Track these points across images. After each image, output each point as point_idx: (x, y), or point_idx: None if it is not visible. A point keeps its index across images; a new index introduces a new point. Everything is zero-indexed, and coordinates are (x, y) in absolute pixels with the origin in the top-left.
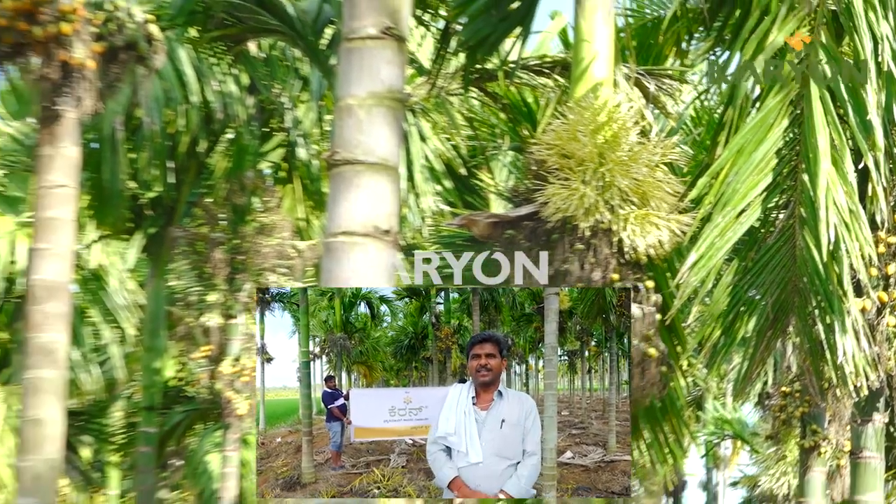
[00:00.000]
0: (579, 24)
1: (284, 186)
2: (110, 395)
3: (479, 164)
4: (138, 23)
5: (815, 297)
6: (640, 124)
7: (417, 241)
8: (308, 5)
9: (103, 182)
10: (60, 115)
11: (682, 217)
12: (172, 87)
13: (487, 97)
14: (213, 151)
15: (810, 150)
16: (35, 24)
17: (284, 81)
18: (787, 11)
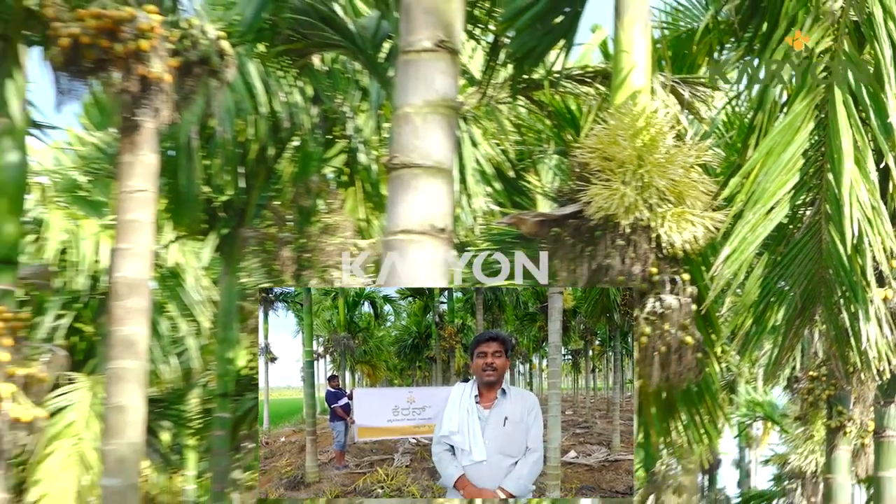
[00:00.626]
0: (619, 37)
1: (346, 189)
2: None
3: (526, 167)
4: (211, 39)
5: (840, 287)
6: (675, 129)
7: (470, 238)
8: (367, 21)
9: (179, 187)
10: (140, 125)
11: (715, 214)
12: (243, 98)
13: (534, 105)
14: (281, 158)
15: (835, 151)
16: (116, 42)
17: (346, 92)
18: (813, 22)
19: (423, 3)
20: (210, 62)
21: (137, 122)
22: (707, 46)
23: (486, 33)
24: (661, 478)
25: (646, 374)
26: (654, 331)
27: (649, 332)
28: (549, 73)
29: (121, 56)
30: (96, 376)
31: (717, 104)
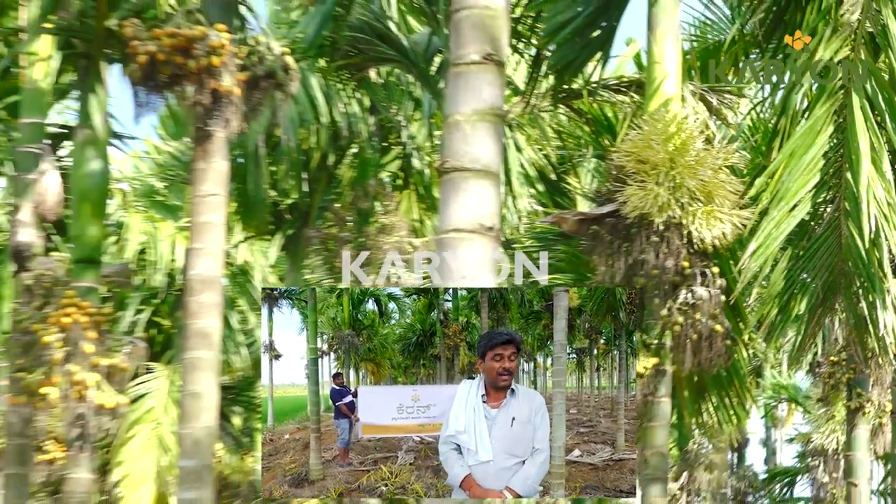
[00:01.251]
0: (651, 49)
1: (401, 192)
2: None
3: (566, 170)
4: (276, 55)
5: (859, 278)
6: (704, 133)
7: (515, 236)
8: (419, 37)
9: (248, 191)
10: (211, 134)
11: (742, 212)
12: (305, 109)
13: (573, 113)
14: (341, 164)
15: (853, 153)
16: (189, 58)
17: (400, 103)
18: (832, 33)
19: (472, 20)
20: (276, 76)
21: (209, 131)
22: (733, 57)
23: (529, 47)
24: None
25: (679, 360)
26: (687, 320)
27: (682, 322)
28: (588, 83)
29: (194, 71)
30: (173, 366)
31: (743, 110)
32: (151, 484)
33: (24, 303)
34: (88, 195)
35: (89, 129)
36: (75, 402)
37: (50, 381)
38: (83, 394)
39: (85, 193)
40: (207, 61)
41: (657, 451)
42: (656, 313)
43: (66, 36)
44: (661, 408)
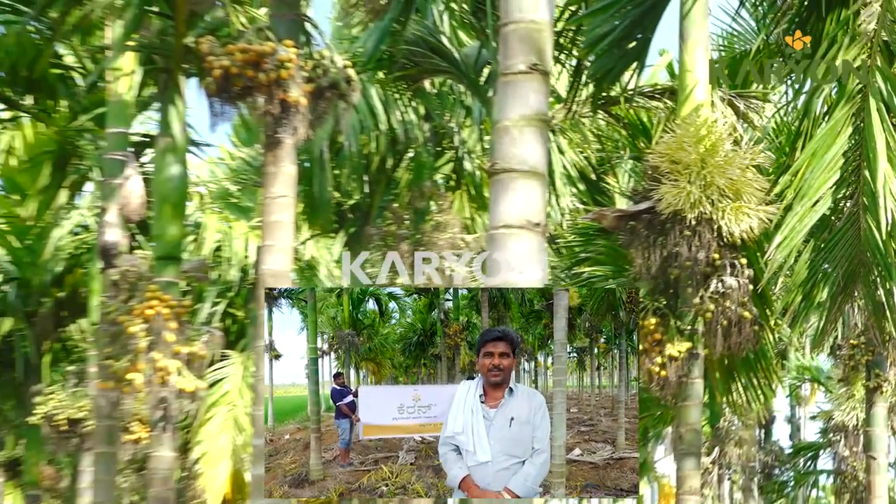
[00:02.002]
0: (683, 58)
1: (454, 192)
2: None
3: (605, 170)
4: (339, 68)
5: (877, 267)
6: (732, 135)
7: (559, 232)
8: (469, 50)
9: (314, 193)
10: (280, 141)
11: (768, 207)
12: (365, 117)
13: (611, 118)
14: (398, 167)
15: (870, 152)
16: (260, 72)
17: (452, 110)
18: (850, 41)
19: (519, 33)
20: (338, 87)
21: (278, 138)
22: (758, 65)
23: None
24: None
25: (710, 344)
26: (717, 307)
27: (713, 309)
28: (624, 90)
29: (264, 84)
30: (246, 353)
31: (768, 114)
32: (227, 461)
33: (111, 296)
34: (169, 198)
35: (169, 138)
36: (158, 386)
37: (135, 368)
38: (165, 379)
39: (165, 196)
40: (276, 74)
41: (691, 428)
42: (689, 301)
43: (148, 52)
44: (695, 388)
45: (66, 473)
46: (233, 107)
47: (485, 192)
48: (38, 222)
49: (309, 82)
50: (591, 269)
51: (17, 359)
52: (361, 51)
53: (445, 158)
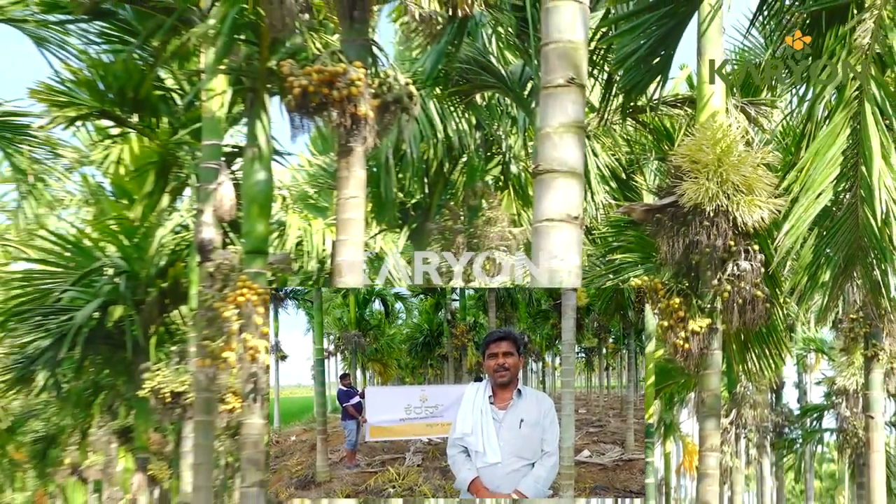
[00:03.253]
0: (701, 71)
1: (502, 192)
2: None
3: (634, 170)
4: (401, 85)
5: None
6: (745, 138)
7: (594, 224)
8: (514, 68)
9: (381, 193)
10: (352, 149)
11: (777, 200)
12: (425, 127)
13: (638, 124)
14: (454, 170)
15: (866, 150)
16: (333, 90)
17: (500, 120)
18: (847, 54)
19: (558, 51)
20: (401, 102)
21: (350, 147)
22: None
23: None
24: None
25: (727, 319)
26: (733, 288)
27: (729, 289)
28: (650, 100)
29: (337, 100)
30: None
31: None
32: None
33: (207, 286)
34: (256, 200)
35: (256, 148)
36: (249, 363)
37: (229, 347)
38: (255, 356)
39: (253, 198)
40: (347, 91)
41: (712, 393)
42: (709, 283)
43: (237, 75)
44: (714, 358)
45: (170, 439)
46: (310, 120)
47: (529, 190)
48: (143, 223)
49: (375, 98)
50: (622, 255)
51: (128, 341)
52: (421, 70)
53: (494, 162)
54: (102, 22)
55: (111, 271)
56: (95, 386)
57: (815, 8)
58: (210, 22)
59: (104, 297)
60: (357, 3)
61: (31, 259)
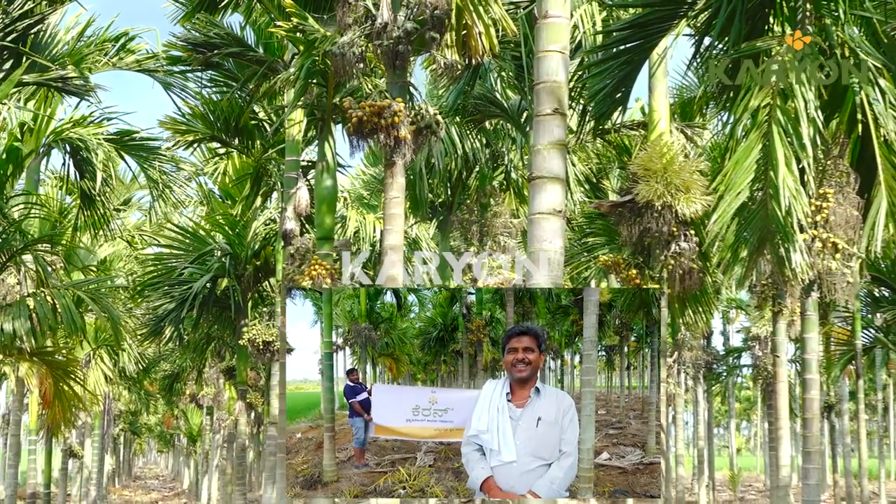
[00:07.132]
0: (651, 102)
1: (505, 193)
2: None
3: (602, 176)
4: (431, 115)
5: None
6: (684, 152)
7: (573, 216)
8: (514, 102)
9: (416, 195)
10: (395, 162)
11: (707, 197)
12: (448, 146)
13: (605, 142)
14: (469, 177)
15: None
16: (381, 119)
17: (504, 140)
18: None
19: (546, 89)
20: (431, 127)
21: (393, 160)
22: (699, 106)
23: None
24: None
25: (672, 285)
26: (675, 262)
27: (672, 263)
28: (613, 124)
29: (384, 126)
30: None
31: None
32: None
33: (289, 263)
34: (325, 200)
35: (324, 162)
36: None
37: None
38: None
39: (322, 199)
40: (391, 120)
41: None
42: (658, 258)
43: (310, 108)
44: (663, 313)
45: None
46: (364, 141)
47: (525, 192)
48: (243, 218)
49: (412, 125)
50: (593, 239)
51: (232, 304)
52: (445, 104)
53: (499, 171)
54: (212, 71)
55: (219, 253)
56: (208, 337)
57: (735, 56)
58: (291, 70)
59: (214, 272)
60: (398, 55)
61: (161, 245)
